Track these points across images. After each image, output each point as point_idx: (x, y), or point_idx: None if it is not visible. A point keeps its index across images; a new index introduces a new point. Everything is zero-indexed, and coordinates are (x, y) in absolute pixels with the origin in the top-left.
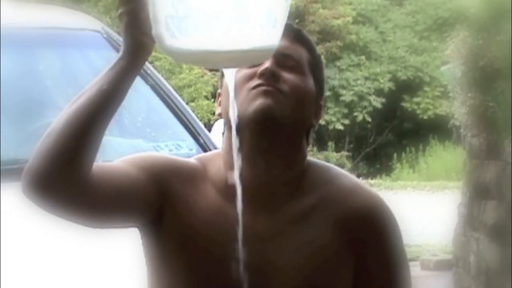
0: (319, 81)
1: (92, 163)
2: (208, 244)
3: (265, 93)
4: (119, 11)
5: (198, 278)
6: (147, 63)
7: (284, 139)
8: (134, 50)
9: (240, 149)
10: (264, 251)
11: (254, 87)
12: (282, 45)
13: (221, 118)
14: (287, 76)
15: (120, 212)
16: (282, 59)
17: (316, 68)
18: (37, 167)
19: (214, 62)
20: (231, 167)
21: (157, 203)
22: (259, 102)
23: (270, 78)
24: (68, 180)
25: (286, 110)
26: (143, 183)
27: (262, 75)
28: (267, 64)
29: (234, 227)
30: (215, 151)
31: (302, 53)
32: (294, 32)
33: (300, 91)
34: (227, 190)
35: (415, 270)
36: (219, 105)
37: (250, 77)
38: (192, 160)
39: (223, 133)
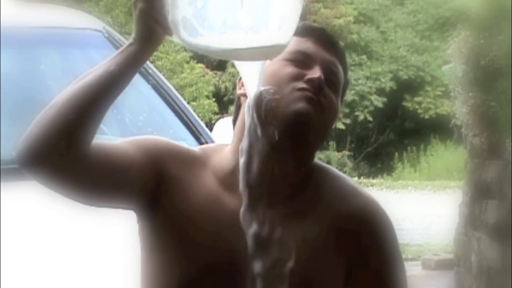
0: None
1: (90, 140)
2: (200, 230)
3: (309, 100)
4: None
5: (188, 264)
6: (148, 62)
7: (305, 148)
8: (145, 38)
9: (257, 140)
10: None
11: (300, 89)
12: (330, 60)
13: (244, 97)
14: (328, 91)
15: (115, 191)
16: (328, 73)
17: (343, 93)
18: (35, 136)
19: (228, 56)
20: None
21: (153, 185)
22: (302, 105)
23: (317, 87)
24: (64, 152)
25: (319, 123)
26: (140, 163)
27: (311, 81)
28: (318, 73)
29: (230, 216)
30: (219, 143)
31: (341, 74)
32: (341, 52)
33: (333, 110)
34: (228, 179)
35: (416, 270)
36: (243, 85)
37: (297, 77)
38: (196, 149)
39: (234, 120)
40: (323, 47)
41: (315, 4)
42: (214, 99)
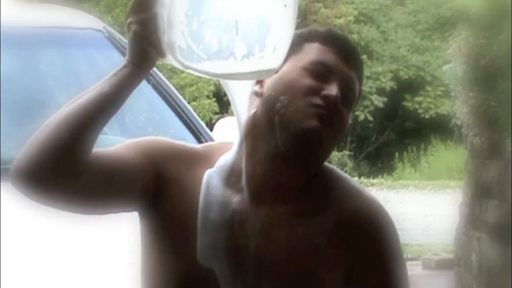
0: None
1: (87, 155)
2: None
3: (322, 118)
4: (129, 20)
5: (187, 261)
6: None
7: (311, 160)
8: (139, 60)
9: (266, 142)
10: (257, 241)
11: (315, 105)
12: (349, 75)
13: (256, 96)
14: (341, 108)
15: (116, 198)
16: (345, 89)
17: (356, 104)
18: (30, 156)
19: (222, 77)
20: (251, 151)
21: (153, 186)
22: (315, 124)
23: (332, 106)
24: (61, 170)
25: (328, 138)
26: (139, 167)
27: (327, 98)
28: (335, 90)
29: (231, 214)
30: (225, 142)
31: (358, 88)
32: (361, 65)
33: (343, 125)
34: (232, 177)
35: (416, 270)
36: (262, 85)
37: (314, 91)
38: (197, 145)
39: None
40: (344, 60)
41: (316, 4)
42: (214, 99)
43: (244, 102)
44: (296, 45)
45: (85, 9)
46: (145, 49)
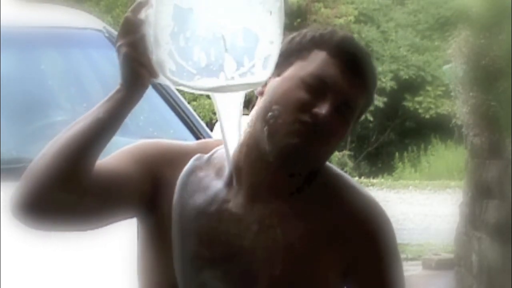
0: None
1: (86, 180)
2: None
3: (305, 137)
4: (118, 43)
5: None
6: None
7: (299, 171)
8: (132, 83)
9: (259, 146)
10: (253, 239)
11: (303, 123)
12: (349, 92)
13: (260, 95)
14: (334, 123)
15: (115, 211)
16: (342, 105)
17: (360, 115)
18: (29, 188)
19: (212, 91)
20: (247, 150)
21: (151, 192)
22: (296, 141)
23: (320, 124)
24: (62, 198)
25: (317, 153)
26: (135, 176)
27: (316, 116)
28: (325, 109)
29: (230, 211)
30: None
31: (360, 103)
32: (368, 82)
33: (336, 139)
34: (229, 176)
35: (416, 270)
36: (263, 86)
37: (305, 107)
38: (192, 144)
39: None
40: (348, 76)
41: (316, 4)
42: None
43: (232, 126)
44: (305, 50)
45: (85, 9)
46: (136, 71)
